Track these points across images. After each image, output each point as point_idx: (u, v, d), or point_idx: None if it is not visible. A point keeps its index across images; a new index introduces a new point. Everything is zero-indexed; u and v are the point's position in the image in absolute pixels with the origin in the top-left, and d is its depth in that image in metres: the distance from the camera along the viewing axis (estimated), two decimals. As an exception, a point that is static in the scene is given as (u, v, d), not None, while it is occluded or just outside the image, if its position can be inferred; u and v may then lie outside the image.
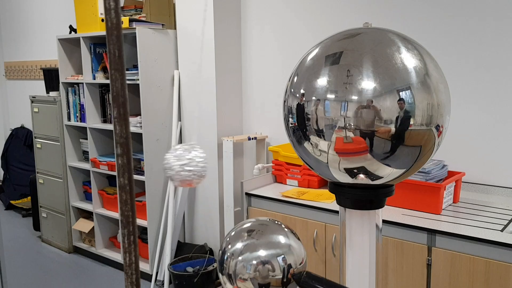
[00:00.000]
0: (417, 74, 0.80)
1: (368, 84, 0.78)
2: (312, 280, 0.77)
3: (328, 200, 2.46)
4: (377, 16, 2.80)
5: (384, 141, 0.79)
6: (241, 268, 0.79)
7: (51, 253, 4.16)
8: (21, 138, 5.43)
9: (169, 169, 0.79)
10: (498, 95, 2.43)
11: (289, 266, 0.79)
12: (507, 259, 1.84)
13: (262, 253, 0.79)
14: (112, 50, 0.38)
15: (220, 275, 0.84)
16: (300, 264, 0.81)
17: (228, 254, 0.82)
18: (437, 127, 0.82)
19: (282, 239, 0.82)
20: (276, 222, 0.87)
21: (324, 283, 0.74)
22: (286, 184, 2.86)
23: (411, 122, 0.79)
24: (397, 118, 0.78)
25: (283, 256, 0.79)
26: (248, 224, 0.86)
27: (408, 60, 0.80)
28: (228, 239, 0.84)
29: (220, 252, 0.84)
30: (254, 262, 0.78)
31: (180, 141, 3.61)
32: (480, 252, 1.90)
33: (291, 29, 3.20)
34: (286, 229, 0.85)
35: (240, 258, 0.80)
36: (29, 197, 4.95)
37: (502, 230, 1.96)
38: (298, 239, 0.84)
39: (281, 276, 0.78)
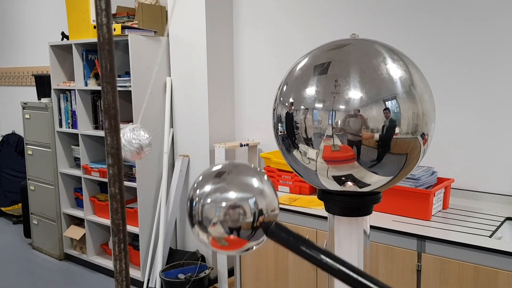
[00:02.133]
0: (403, 84, 0.82)
1: (355, 94, 0.80)
2: (281, 232, 0.72)
3: (319, 206, 2.48)
4: (367, 19, 2.83)
5: (370, 149, 0.81)
6: (210, 211, 0.72)
7: (42, 260, 4.14)
8: (12, 145, 5.41)
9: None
10: (487, 102, 2.47)
11: (260, 211, 0.73)
12: (496, 264, 1.86)
13: (232, 195, 0.72)
14: (104, 64, 0.40)
15: (192, 229, 0.76)
16: (271, 212, 0.74)
17: (196, 199, 0.74)
18: (423, 135, 0.85)
19: (255, 182, 0.75)
20: (251, 165, 0.80)
21: (292, 236, 0.70)
22: (277, 190, 2.87)
23: (397, 131, 0.81)
24: (383, 127, 0.80)
25: (254, 199, 0.72)
26: (219, 166, 0.78)
27: (394, 70, 0.82)
28: (195, 185, 0.76)
29: (188, 202, 0.75)
30: (224, 204, 0.72)
31: (172, 147, 3.62)
32: (469, 258, 1.92)
33: (283, 35, 3.23)
34: (260, 173, 0.78)
35: (209, 200, 0.72)
36: (20, 204, 4.92)
37: (490, 236, 1.98)
38: (274, 189, 0.78)
39: (251, 220, 0.72)
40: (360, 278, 0.61)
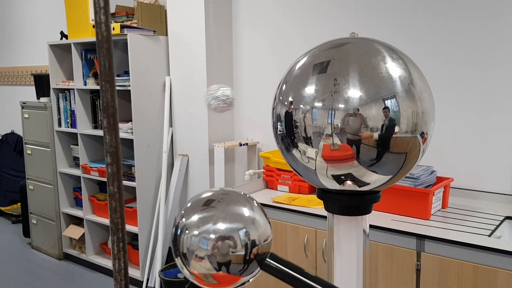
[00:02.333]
0: (402, 83, 0.82)
1: (354, 92, 0.80)
2: (276, 263, 0.67)
3: (318, 205, 2.48)
4: (367, 19, 2.83)
5: (370, 148, 0.81)
6: (196, 243, 0.67)
7: (41, 260, 4.13)
8: (11, 144, 5.40)
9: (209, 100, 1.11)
10: (487, 102, 2.47)
11: (253, 242, 0.68)
12: (495, 263, 1.86)
13: (221, 226, 0.67)
14: (102, 62, 0.40)
15: (175, 258, 0.71)
16: (264, 242, 0.70)
17: (182, 228, 0.69)
18: (422, 134, 0.84)
19: (245, 211, 0.71)
20: (241, 192, 0.76)
21: (289, 267, 0.66)
22: (277, 189, 2.87)
23: (396, 130, 0.81)
24: (382, 125, 0.80)
25: (245, 230, 0.68)
26: (208, 194, 0.73)
27: (393, 69, 0.82)
28: (183, 211, 0.72)
29: (173, 228, 0.71)
30: (212, 236, 0.66)
31: (172, 147, 3.62)
32: (468, 257, 1.92)
33: (282, 34, 3.23)
34: (251, 201, 0.74)
35: (195, 232, 0.67)
36: (19, 204, 4.92)
37: (489, 235, 1.98)
38: (266, 215, 0.74)
39: (243, 253, 0.67)
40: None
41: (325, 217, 2.36)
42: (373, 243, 2.17)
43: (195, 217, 0.69)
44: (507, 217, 2.23)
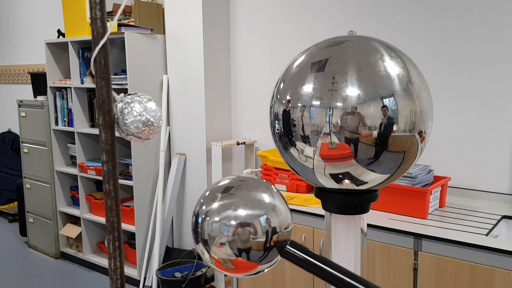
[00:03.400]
0: (400, 82, 0.81)
1: (352, 91, 0.79)
2: (296, 251, 0.67)
3: (316, 205, 2.48)
4: (365, 18, 2.83)
5: (368, 147, 0.81)
6: (217, 229, 0.67)
7: (38, 259, 4.12)
8: (8, 143, 5.38)
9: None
10: (484, 101, 2.47)
11: (274, 229, 0.68)
12: (492, 263, 1.86)
13: (242, 212, 0.67)
14: (98, 59, 0.39)
15: (195, 246, 0.71)
16: (285, 229, 0.69)
17: (203, 216, 0.68)
18: (420, 133, 0.84)
19: (266, 197, 0.70)
20: (259, 179, 0.75)
21: (310, 255, 0.65)
22: (274, 189, 2.86)
23: (394, 128, 0.80)
24: (380, 124, 0.79)
25: (266, 217, 0.67)
26: (226, 181, 0.73)
27: (392, 68, 0.82)
28: (202, 200, 0.71)
29: (193, 217, 0.70)
30: (233, 222, 0.66)
31: (169, 145, 3.61)
32: (465, 256, 1.92)
33: (280, 33, 3.22)
34: (271, 188, 0.73)
35: (216, 218, 0.67)
36: (16, 202, 4.90)
37: (487, 235, 1.99)
38: (286, 203, 0.73)
39: (263, 240, 0.66)
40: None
41: (322, 216, 2.36)
42: (370, 242, 2.17)
43: (215, 204, 0.69)
44: (504, 216, 2.24)
